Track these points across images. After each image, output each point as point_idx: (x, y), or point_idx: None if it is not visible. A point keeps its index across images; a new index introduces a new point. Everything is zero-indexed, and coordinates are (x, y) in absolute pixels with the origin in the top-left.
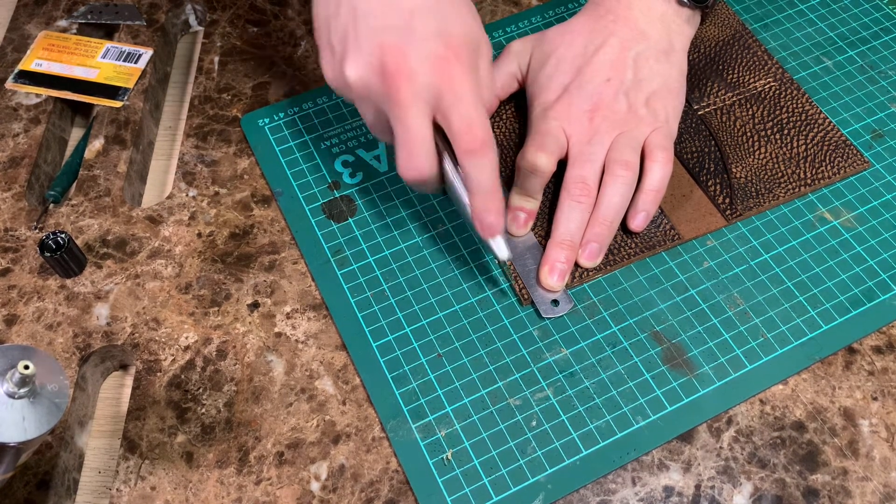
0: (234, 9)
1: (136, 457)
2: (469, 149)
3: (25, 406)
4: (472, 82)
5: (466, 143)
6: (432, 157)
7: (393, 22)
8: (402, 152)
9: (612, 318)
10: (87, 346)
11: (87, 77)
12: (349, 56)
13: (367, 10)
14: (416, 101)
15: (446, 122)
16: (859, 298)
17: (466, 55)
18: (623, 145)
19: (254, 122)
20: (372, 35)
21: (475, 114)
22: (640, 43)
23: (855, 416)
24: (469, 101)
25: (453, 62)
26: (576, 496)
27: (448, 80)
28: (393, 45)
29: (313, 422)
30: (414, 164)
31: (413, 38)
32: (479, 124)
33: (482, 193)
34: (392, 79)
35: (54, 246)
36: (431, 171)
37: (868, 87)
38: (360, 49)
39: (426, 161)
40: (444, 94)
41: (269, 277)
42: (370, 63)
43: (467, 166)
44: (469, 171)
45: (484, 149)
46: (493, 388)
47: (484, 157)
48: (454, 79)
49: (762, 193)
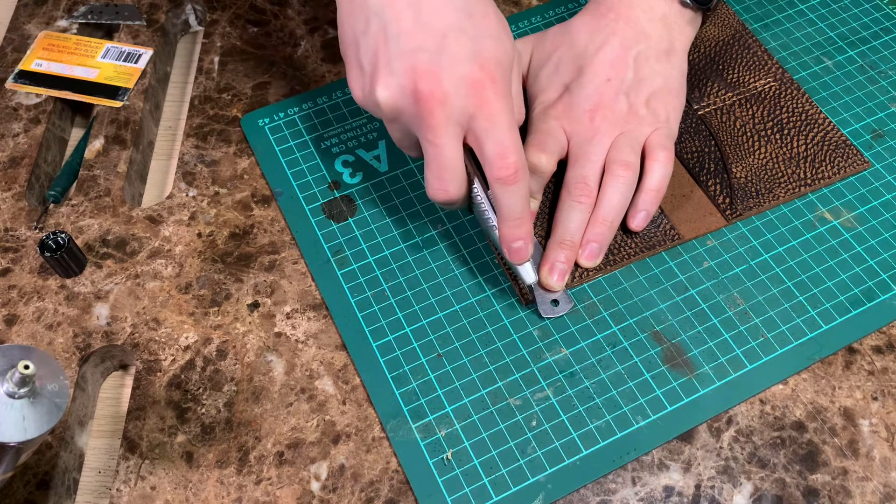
0: (234, 9)
1: (136, 457)
2: (501, 176)
3: (25, 406)
4: (507, 105)
5: (499, 170)
6: (463, 180)
7: (425, 44)
8: (432, 174)
9: (612, 318)
10: (87, 346)
11: (87, 77)
12: (380, 77)
13: (399, 31)
14: (449, 125)
15: (479, 146)
16: (859, 298)
17: (500, 77)
18: (623, 145)
19: (254, 122)
20: (404, 57)
21: (509, 139)
22: (641, 43)
23: (855, 415)
24: (503, 126)
25: (487, 85)
26: (576, 496)
27: (482, 103)
28: (426, 69)
29: (313, 422)
30: (444, 186)
31: (446, 61)
32: (514, 150)
33: (512, 220)
34: (425, 103)
35: (54, 246)
36: (461, 193)
37: (868, 87)
38: (392, 71)
39: (456, 184)
40: (478, 118)
41: (269, 277)
42: (402, 86)
43: (499, 193)
44: (500, 198)
45: (517, 176)
46: (493, 387)
47: (516, 185)
48: (488, 102)
49: (762, 193)
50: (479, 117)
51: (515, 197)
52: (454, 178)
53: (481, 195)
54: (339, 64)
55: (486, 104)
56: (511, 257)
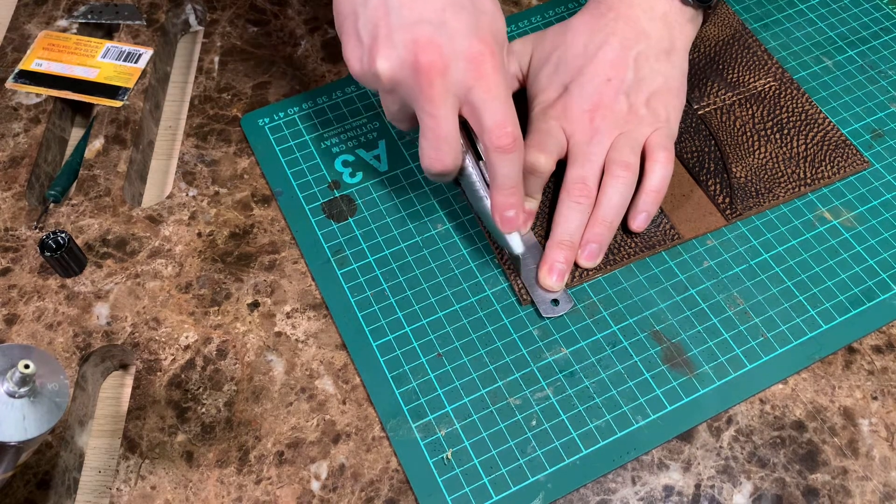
0: (234, 9)
1: (136, 456)
2: (500, 145)
3: (26, 405)
4: (504, 79)
5: (498, 139)
6: (458, 151)
7: (426, 16)
8: (428, 145)
9: (611, 318)
10: (88, 345)
11: (88, 77)
12: (380, 49)
13: (400, 3)
14: (447, 96)
15: (476, 118)
16: (859, 298)
17: (498, 51)
18: (623, 145)
19: (254, 121)
20: (405, 29)
21: (507, 111)
22: (641, 42)
23: (855, 415)
24: (501, 97)
25: (487, 59)
26: (576, 495)
27: (481, 76)
28: (427, 41)
29: (313, 421)
30: (440, 157)
31: (447, 34)
32: (511, 122)
33: (506, 189)
34: (426, 74)
35: (54, 245)
36: (456, 164)
37: (868, 86)
38: (393, 43)
39: (452, 155)
40: (476, 89)
41: (269, 277)
42: (403, 58)
43: (496, 162)
44: (497, 167)
45: (515, 145)
46: (492, 387)
47: (514, 153)
48: (487, 76)
49: (762, 193)
50: (477, 89)
51: (512, 166)
52: (450, 148)
53: (472, 167)
54: (339, 64)
55: (485, 77)
56: (503, 226)
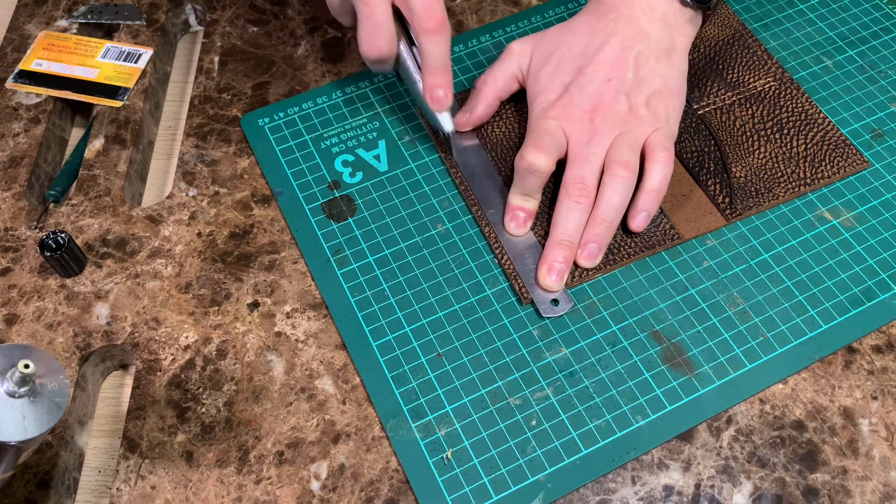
0: (234, 9)
1: (136, 456)
2: (428, 27)
3: (26, 405)
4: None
5: (426, 21)
6: (392, 38)
7: None
8: (364, 33)
9: (611, 318)
10: (88, 345)
11: (87, 77)
12: None
13: None
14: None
15: (406, 4)
16: (859, 298)
17: None
18: (623, 145)
19: (254, 121)
20: None
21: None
22: (641, 43)
23: (854, 415)
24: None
25: None
26: (576, 495)
27: None
28: None
29: (313, 421)
30: (376, 43)
31: None
32: (437, 5)
33: (436, 69)
34: None
35: (54, 245)
36: (391, 50)
37: (868, 86)
38: None
39: (386, 41)
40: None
41: (269, 277)
42: None
43: (425, 44)
44: (426, 48)
45: (441, 28)
46: (492, 387)
47: (440, 35)
48: None
49: (762, 193)
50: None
51: (440, 47)
52: (384, 34)
53: (406, 53)
54: (339, 64)
55: None
56: (433, 105)
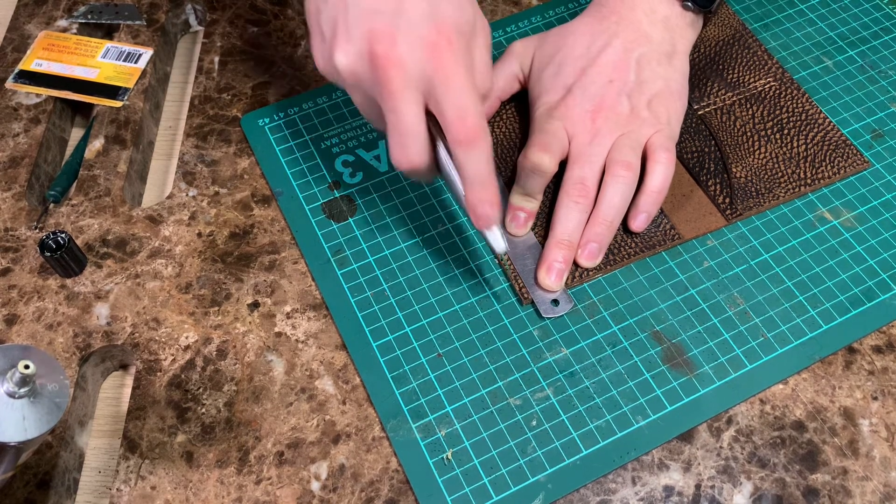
0: (234, 9)
1: (136, 456)
2: (461, 139)
3: (26, 406)
4: (465, 69)
5: (458, 133)
6: (424, 148)
7: (383, 6)
8: (393, 141)
9: (612, 318)
10: (88, 345)
11: (87, 77)
12: (338, 43)
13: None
14: (407, 90)
15: (438, 110)
16: (859, 298)
17: (458, 39)
18: (624, 146)
19: (254, 121)
20: (361, 20)
21: (468, 102)
22: (643, 45)
23: (855, 415)
24: (461, 89)
25: (444, 48)
26: (576, 496)
27: (439, 66)
28: (382, 31)
29: (313, 421)
30: (406, 154)
31: (403, 23)
32: (472, 113)
33: (476, 184)
34: (382, 67)
35: (54, 246)
36: (423, 161)
37: (868, 86)
38: (350, 36)
39: (418, 152)
40: (436, 81)
41: (270, 277)
42: (359, 50)
43: (460, 157)
44: (462, 162)
45: (477, 139)
46: (493, 387)
47: (477, 148)
48: (446, 66)
49: (762, 193)
50: (437, 80)
51: (478, 160)
52: (415, 144)
53: (447, 161)
54: None
55: (444, 67)
56: (478, 223)
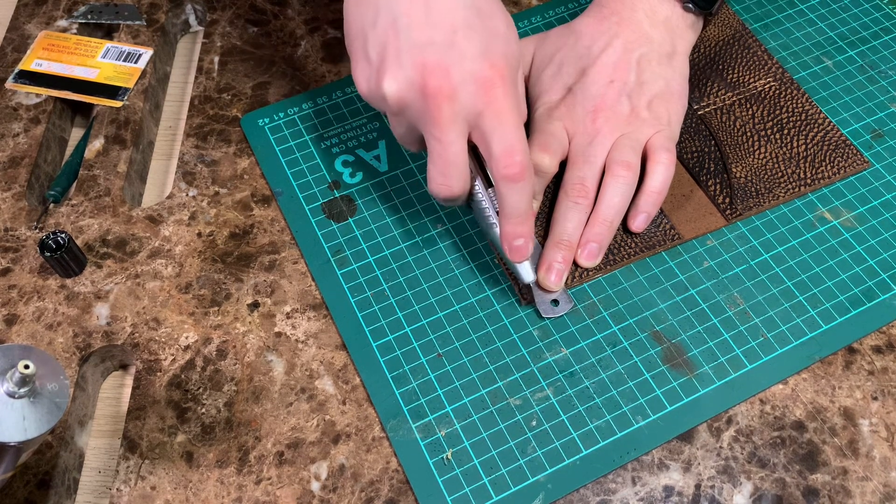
0: (234, 9)
1: (136, 456)
2: (508, 174)
3: (26, 406)
4: (515, 104)
5: (507, 168)
6: (466, 177)
7: (436, 38)
8: (436, 170)
9: (611, 318)
10: (88, 345)
11: (87, 77)
12: (388, 70)
13: (409, 24)
14: (456, 121)
15: (485, 144)
16: (859, 298)
17: (509, 75)
18: (624, 146)
19: (254, 121)
20: (414, 51)
21: (517, 138)
22: (644, 46)
23: (855, 415)
24: (511, 124)
25: (497, 83)
26: (576, 496)
27: (491, 101)
28: (436, 64)
29: (313, 421)
30: (448, 182)
31: (456, 57)
32: (521, 150)
33: (515, 218)
34: (433, 98)
35: (54, 246)
36: (464, 190)
37: (868, 86)
38: (401, 64)
39: (460, 181)
40: (486, 115)
41: (269, 277)
42: (411, 80)
43: (505, 191)
44: (506, 196)
45: (523, 175)
46: (493, 387)
47: (522, 183)
48: (497, 101)
49: (762, 193)
50: (487, 115)
51: (521, 195)
52: (458, 174)
53: (482, 193)
54: (339, 64)
55: (495, 102)
56: (512, 256)
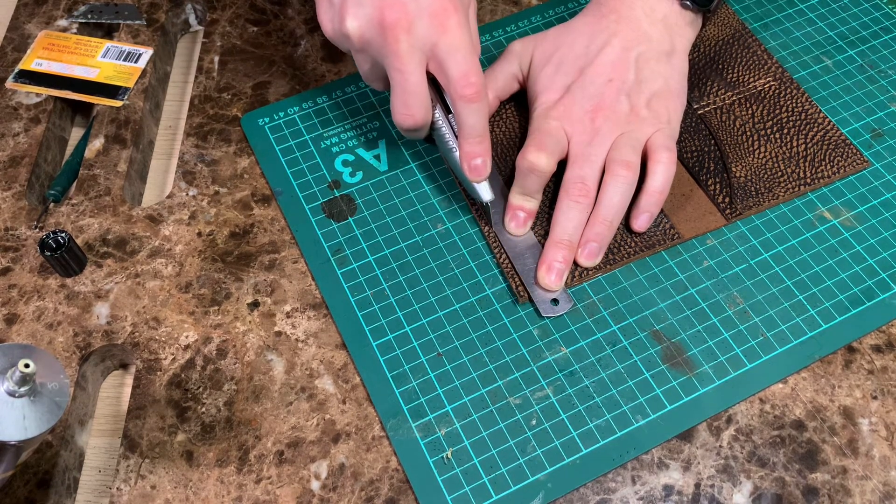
0: (234, 8)
1: (136, 456)
2: (465, 94)
3: (26, 405)
4: (468, 34)
5: (464, 89)
6: (427, 105)
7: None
8: (398, 100)
9: (611, 317)
10: (88, 345)
11: (88, 76)
12: (349, 10)
13: None
14: (414, 52)
15: (442, 71)
16: (859, 297)
17: (461, 8)
18: (624, 145)
19: (254, 121)
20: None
21: (471, 63)
22: (642, 44)
23: (854, 414)
24: (466, 51)
25: (451, 15)
26: (576, 495)
27: (445, 32)
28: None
29: (313, 421)
30: (410, 111)
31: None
32: (475, 73)
33: (474, 137)
34: (392, 31)
35: (54, 245)
36: (426, 118)
37: (868, 86)
38: (361, 3)
39: (421, 109)
40: (441, 45)
41: (269, 276)
42: (370, 16)
43: (462, 112)
44: (464, 116)
45: (479, 95)
46: (492, 386)
47: (478, 103)
48: (451, 31)
49: (762, 192)
50: (442, 44)
51: (477, 115)
52: (419, 103)
53: (442, 120)
54: (339, 63)
55: (449, 32)
56: (471, 175)
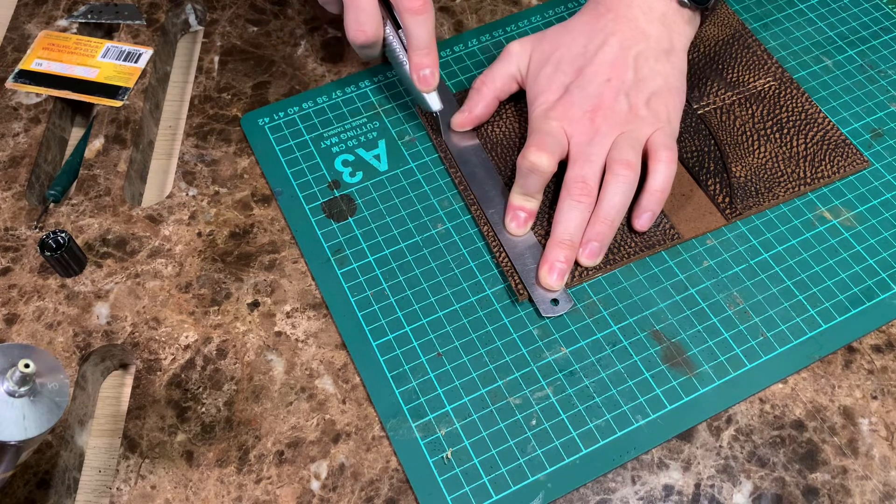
0: (234, 8)
1: (136, 456)
2: (411, 7)
3: (26, 405)
4: None
5: (410, 2)
6: (378, 22)
7: None
8: (350, 17)
9: (611, 317)
10: (88, 345)
11: (88, 77)
12: None
13: None
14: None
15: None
16: (859, 297)
17: None
18: (624, 145)
19: (254, 121)
20: None
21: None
22: (641, 43)
23: (854, 414)
24: None
25: None
26: (576, 495)
27: None
28: None
29: (313, 421)
30: (362, 27)
31: None
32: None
33: (421, 49)
34: None
35: (54, 245)
36: (377, 34)
37: (868, 86)
38: None
39: (372, 25)
40: None
41: (269, 276)
42: None
43: (409, 24)
44: (410, 28)
45: (424, 8)
46: (492, 386)
47: (424, 16)
48: None
49: (762, 192)
50: None
51: (424, 27)
52: (370, 19)
53: (392, 35)
54: (339, 63)
55: None
56: (420, 85)
